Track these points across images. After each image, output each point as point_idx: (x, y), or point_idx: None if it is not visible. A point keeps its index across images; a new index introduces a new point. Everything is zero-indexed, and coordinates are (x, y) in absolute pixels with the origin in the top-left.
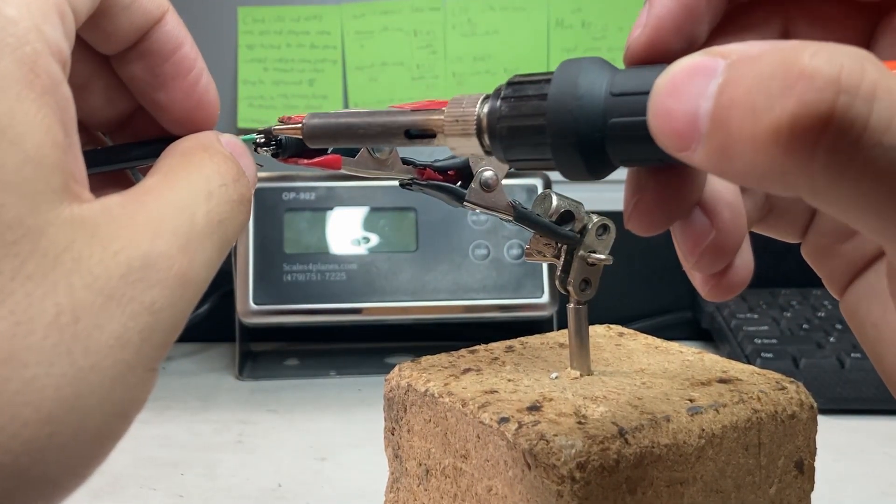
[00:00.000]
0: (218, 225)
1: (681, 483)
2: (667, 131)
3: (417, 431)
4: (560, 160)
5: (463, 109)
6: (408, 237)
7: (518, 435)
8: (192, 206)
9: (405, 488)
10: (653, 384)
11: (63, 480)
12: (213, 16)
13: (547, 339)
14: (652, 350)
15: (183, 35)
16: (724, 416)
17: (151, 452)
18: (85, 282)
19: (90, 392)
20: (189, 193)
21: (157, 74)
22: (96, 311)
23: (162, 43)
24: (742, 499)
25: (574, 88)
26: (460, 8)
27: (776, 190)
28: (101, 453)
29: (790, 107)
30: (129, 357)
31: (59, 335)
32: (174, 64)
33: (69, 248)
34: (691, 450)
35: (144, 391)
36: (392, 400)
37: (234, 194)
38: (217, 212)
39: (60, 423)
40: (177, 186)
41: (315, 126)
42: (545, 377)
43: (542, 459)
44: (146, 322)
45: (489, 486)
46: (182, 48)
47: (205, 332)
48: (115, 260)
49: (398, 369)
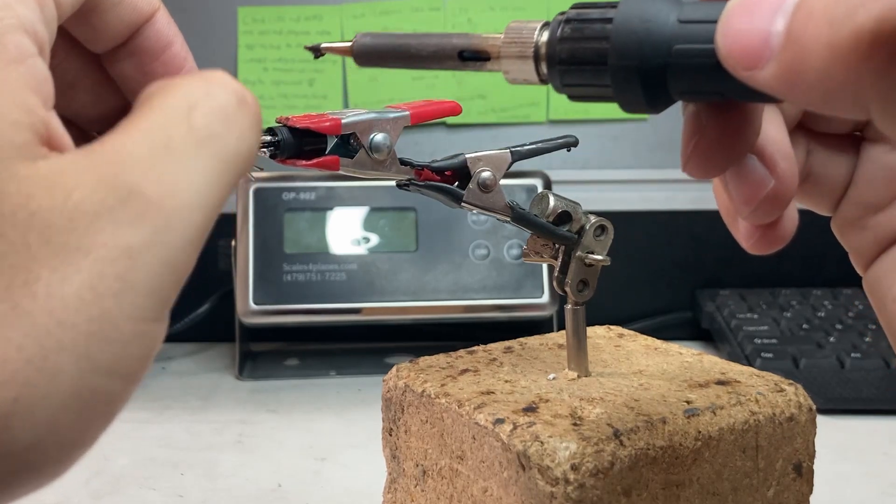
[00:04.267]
0: (208, 139)
1: (677, 485)
2: (736, 50)
3: (414, 432)
4: (619, 86)
5: (522, 31)
6: (408, 237)
7: (513, 436)
8: (167, 126)
9: (402, 489)
10: (650, 386)
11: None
12: (213, 16)
13: (546, 340)
14: (651, 351)
15: (173, 34)
16: (720, 418)
17: (151, 452)
18: (44, 237)
19: (59, 350)
20: (165, 114)
21: (146, 73)
22: (58, 265)
23: (152, 41)
24: (739, 502)
25: (642, 12)
26: (460, 8)
27: (844, 109)
28: (92, 416)
29: (876, 10)
30: (106, 308)
31: (14, 298)
32: (164, 62)
33: (25, 204)
34: (687, 452)
35: (140, 346)
36: (390, 401)
37: (226, 100)
38: (203, 124)
39: (26, 384)
40: (151, 113)
41: (366, 45)
42: (542, 378)
43: (536, 461)
44: (123, 267)
45: (484, 487)
46: (172, 47)
47: (205, 332)
48: (79, 208)
49: (396, 370)
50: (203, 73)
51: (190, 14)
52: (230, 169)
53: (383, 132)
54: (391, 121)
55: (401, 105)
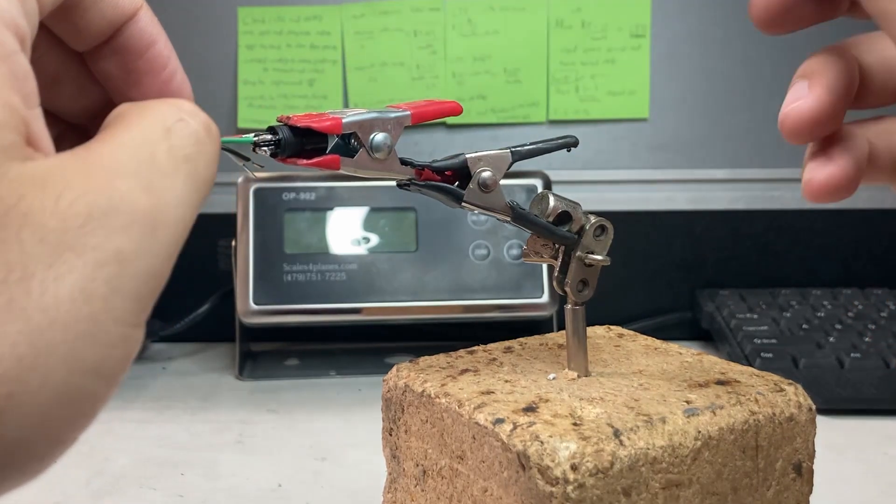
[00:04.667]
0: (184, 161)
1: (677, 485)
2: None
3: (415, 432)
4: None
5: None
6: (408, 237)
7: (513, 436)
8: (150, 143)
9: (402, 489)
10: (650, 385)
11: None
12: (213, 16)
13: (546, 340)
14: (651, 351)
15: (157, 32)
16: (720, 418)
17: (151, 452)
18: (37, 236)
19: (50, 349)
20: (145, 132)
21: (129, 71)
22: (52, 264)
23: (135, 39)
24: (739, 501)
25: None
26: (460, 8)
27: None
28: (76, 415)
29: None
30: (95, 310)
31: (10, 292)
32: (147, 61)
33: (17, 204)
34: (687, 452)
35: (123, 349)
36: (390, 400)
37: (197, 127)
38: (180, 146)
39: (18, 381)
40: (131, 129)
41: None
42: (542, 378)
43: (536, 460)
44: (113, 272)
45: (484, 487)
46: (155, 45)
47: (205, 332)
48: (72, 209)
49: (396, 370)
50: (171, 100)
51: (190, 14)
52: (200, 190)
53: (384, 132)
54: (392, 120)
55: (402, 105)
